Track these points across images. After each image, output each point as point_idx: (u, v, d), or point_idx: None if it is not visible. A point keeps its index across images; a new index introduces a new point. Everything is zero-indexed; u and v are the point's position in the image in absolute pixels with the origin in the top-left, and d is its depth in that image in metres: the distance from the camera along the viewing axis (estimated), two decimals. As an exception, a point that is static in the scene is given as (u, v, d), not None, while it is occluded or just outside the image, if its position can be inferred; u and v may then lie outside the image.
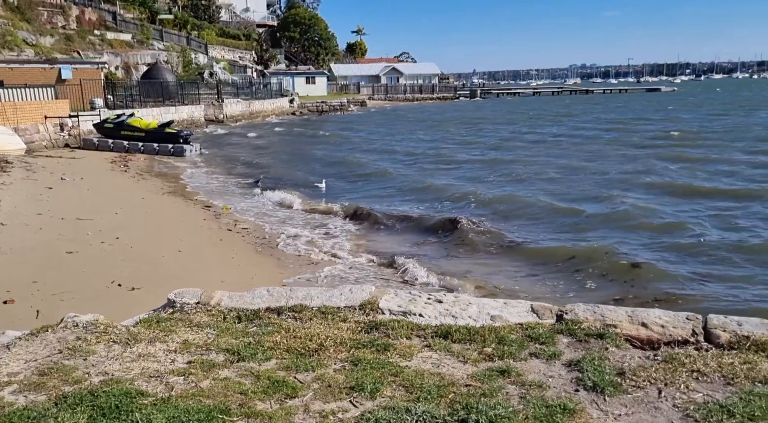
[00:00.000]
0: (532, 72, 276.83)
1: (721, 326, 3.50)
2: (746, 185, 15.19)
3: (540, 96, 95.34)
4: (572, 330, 3.68)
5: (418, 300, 4.36)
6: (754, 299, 7.46)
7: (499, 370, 3.19)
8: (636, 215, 12.05)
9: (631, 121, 40.32)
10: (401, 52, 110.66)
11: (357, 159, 23.75)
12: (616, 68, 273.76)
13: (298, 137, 35.13)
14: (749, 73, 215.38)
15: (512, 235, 11.12)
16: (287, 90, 60.98)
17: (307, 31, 77.58)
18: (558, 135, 31.67)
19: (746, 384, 2.92)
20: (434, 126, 40.22)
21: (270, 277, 8.65)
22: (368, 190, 16.87)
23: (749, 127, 32.26)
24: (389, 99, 77.23)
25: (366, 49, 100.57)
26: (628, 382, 3.01)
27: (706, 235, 10.40)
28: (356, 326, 3.90)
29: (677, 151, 22.27)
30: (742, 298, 7.53)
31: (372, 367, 3.23)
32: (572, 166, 19.72)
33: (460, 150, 26.22)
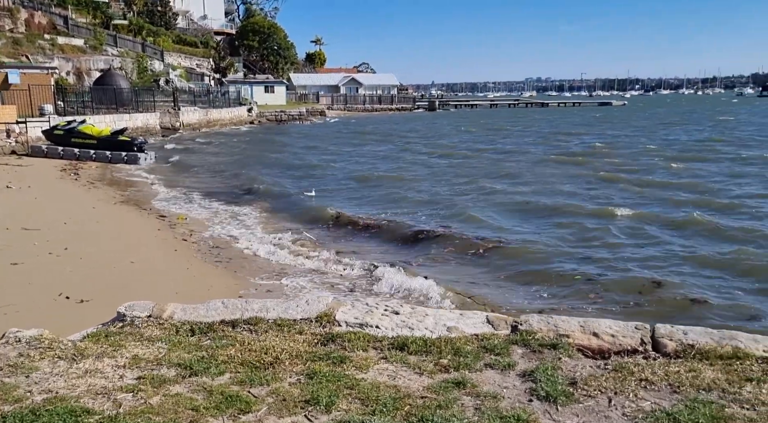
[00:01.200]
0: (490, 84, 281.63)
1: (668, 335, 3.60)
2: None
3: (497, 108, 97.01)
4: (526, 340, 3.72)
5: (374, 311, 4.36)
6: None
7: (455, 382, 3.21)
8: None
9: (554, 135, 40.04)
10: (360, 63, 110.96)
11: (318, 166, 23.68)
12: (570, 82, 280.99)
13: (256, 146, 34.79)
14: (694, 90, 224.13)
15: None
16: (246, 99, 60.38)
17: (266, 39, 77.09)
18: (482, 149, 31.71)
19: (691, 392, 3.01)
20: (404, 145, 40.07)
21: (227, 287, 8.51)
22: (331, 199, 16.80)
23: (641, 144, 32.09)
24: (348, 109, 77.35)
25: (325, 59, 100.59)
26: (579, 392, 3.07)
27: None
28: (312, 338, 3.86)
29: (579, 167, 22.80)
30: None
31: (328, 380, 3.20)
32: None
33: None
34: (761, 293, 8.25)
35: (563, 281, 8.96)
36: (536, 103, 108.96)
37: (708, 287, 8.51)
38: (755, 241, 10.85)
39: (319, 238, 12.06)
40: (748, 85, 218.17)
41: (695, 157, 24.90)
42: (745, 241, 10.86)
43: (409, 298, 8.18)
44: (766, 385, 3.02)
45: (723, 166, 22.14)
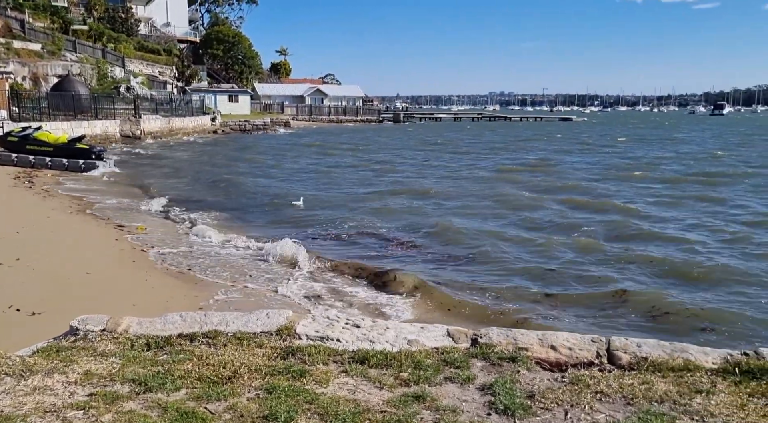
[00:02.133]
0: (454, 97, 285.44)
1: (623, 348, 3.68)
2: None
3: (461, 121, 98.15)
4: (486, 354, 3.76)
5: (336, 325, 4.34)
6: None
7: (415, 396, 3.21)
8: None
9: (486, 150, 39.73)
10: (326, 74, 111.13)
11: (281, 180, 23.53)
12: (532, 97, 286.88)
13: (219, 156, 34.36)
14: (650, 107, 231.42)
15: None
16: (209, 108, 59.70)
17: (231, 48, 76.53)
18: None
19: (644, 403, 3.08)
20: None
21: (186, 300, 8.35)
22: (290, 212, 16.68)
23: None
24: (313, 120, 77.23)
25: (290, 69, 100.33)
26: (537, 405, 3.11)
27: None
28: (272, 352, 3.82)
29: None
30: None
31: (287, 395, 3.17)
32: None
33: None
34: (712, 301, 8.50)
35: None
36: (499, 116, 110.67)
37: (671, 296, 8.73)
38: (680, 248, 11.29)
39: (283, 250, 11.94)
40: (701, 103, 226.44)
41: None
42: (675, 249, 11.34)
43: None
44: (715, 397, 3.11)
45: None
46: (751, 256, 11.03)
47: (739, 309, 8.17)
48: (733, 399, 3.10)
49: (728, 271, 9.95)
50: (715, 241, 12.43)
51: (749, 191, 19.73)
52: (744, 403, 3.06)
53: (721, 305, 8.38)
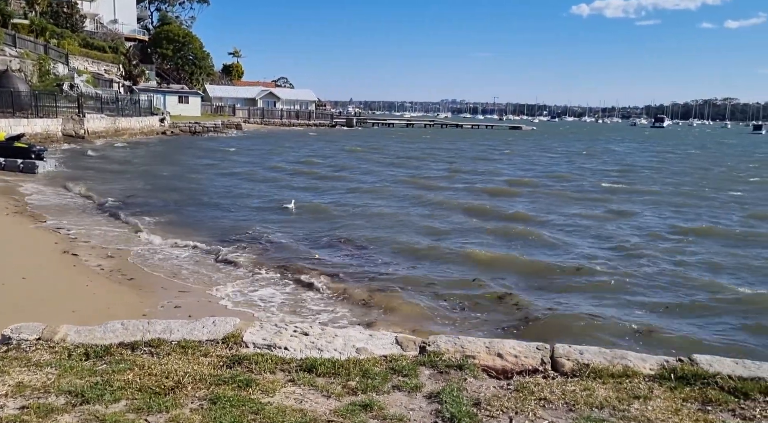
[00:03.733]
0: (407, 104, 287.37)
1: (566, 355, 3.77)
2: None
3: (413, 127, 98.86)
4: (434, 362, 3.78)
5: (284, 332, 4.28)
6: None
7: (362, 405, 3.20)
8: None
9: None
10: (279, 77, 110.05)
11: (232, 184, 23.16)
12: (483, 105, 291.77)
13: (166, 158, 33.57)
14: (595, 118, 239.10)
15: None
16: (158, 108, 58.26)
17: (181, 48, 75.01)
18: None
19: (585, 410, 3.15)
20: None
21: (130, 306, 8.11)
22: (239, 216, 16.43)
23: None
24: (265, 123, 76.37)
25: (243, 72, 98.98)
26: (483, 412, 3.14)
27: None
28: (218, 361, 3.74)
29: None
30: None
31: (232, 405, 3.10)
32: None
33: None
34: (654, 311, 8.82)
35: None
36: (451, 124, 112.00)
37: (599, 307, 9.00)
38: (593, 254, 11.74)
39: (231, 255, 11.74)
40: (642, 115, 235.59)
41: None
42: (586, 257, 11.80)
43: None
44: (652, 403, 3.22)
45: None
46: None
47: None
48: (668, 404, 3.21)
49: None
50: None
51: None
52: (678, 408, 3.18)
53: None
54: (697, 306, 9.07)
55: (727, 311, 8.87)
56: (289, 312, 8.48)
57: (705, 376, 3.46)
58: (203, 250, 11.85)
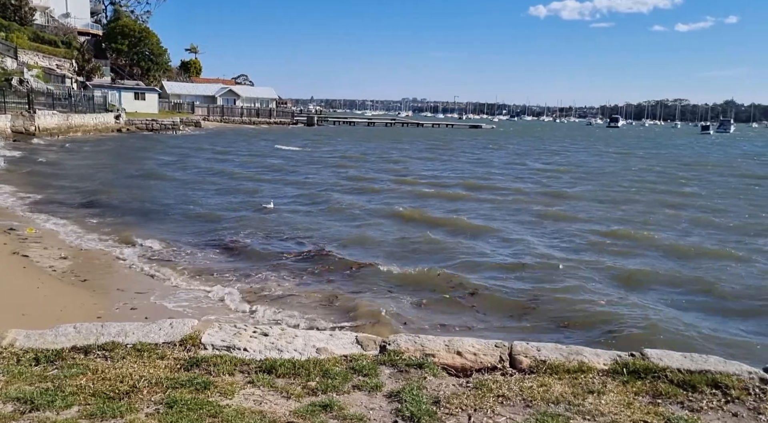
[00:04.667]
0: (368, 102, 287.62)
1: (524, 352, 3.84)
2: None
3: (374, 126, 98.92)
4: (394, 361, 3.79)
5: (243, 333, 4.24)
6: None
7: (322, 405, 3.19)
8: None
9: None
10: (239, 74, 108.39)
11: (183, 182, 22.76)
12: (444, 104, 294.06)
13: (119, 156, 32.74)
14: (553, 117, 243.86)
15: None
16: (113, 105, 56.78)
17: (137, 44, 73.26)
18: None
19: (542, 405, 3.22)
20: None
21: (84, 308, 7.91)
22: (189, 215, 16.16)
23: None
24: (225, 121, 75.25)
25: (201, 68, 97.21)
26: (442, 411, 3.17)
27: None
28: (175, 364, 3.68)
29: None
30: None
31: (189, 409, 3.05)
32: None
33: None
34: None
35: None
36: (412, 122, 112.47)
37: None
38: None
39: (187, 255, 11.55)
40: (598, 115, 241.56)
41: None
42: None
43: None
44: (605, 397, 3.30)
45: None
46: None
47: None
48: (621, 398, 3.31)
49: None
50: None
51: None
52: (630, 401, 3.27)
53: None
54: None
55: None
56: (249, 313, 8.38)
57: (655, 370, 3.58)
58: (161, 250, 11.62)
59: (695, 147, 65.55)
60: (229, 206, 17.37)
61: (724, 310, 9.06)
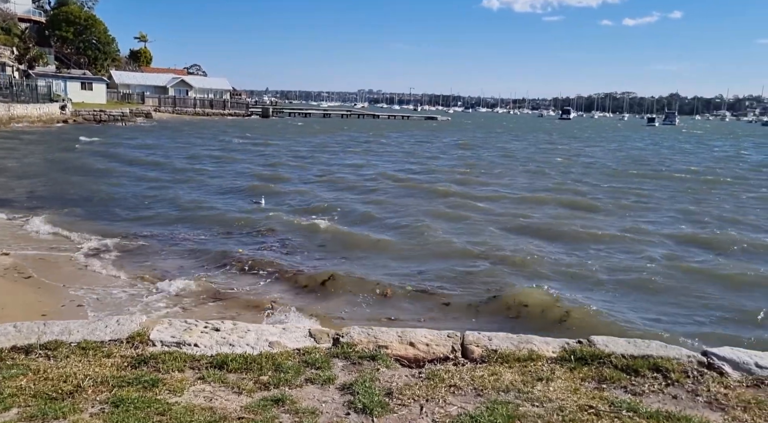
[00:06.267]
0: (324, 94, 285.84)
1: (475, 342, 3.89)
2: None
3: (330, 117, 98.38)
4: (347, 353, 3.80)
5: (194, 329, 4.17)
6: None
7: (274, 399, 3.17)
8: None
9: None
10: (191, 64, 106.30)
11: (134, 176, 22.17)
12: (400, 96, 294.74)
13: (65, 150, 31.61)
14: (507, 109, 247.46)
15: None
16: (58, 94, 54.75)
17: (83, 32, 70.76)
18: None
19: (492, 394, 3.27)
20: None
21: (28, 307, 7.64)
22: (139, 212, 15.76)
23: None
24: (177, 112, 73.49)
25: (151, 58, 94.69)
26: (394, 402, 3.19)
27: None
28: (122, 362, 3.59)
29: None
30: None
31: (136, 407, 2.99)
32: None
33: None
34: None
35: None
36: (368, 114, 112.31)
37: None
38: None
39: (134, 252, 11.27)
40: (550, 107, 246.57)
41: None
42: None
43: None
44: (553, 384, 3.39)
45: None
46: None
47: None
48: (568, 384, 3.39)
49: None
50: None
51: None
52: (577, 387, 3.36)
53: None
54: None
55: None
56: (199, 304, 8.24)
57: (601, 356, 3.68)
58: (110, 246, 11.29)
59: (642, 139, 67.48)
60: (185, 204, 16.97)
61: (663, 296, 9.36)
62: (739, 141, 66.12)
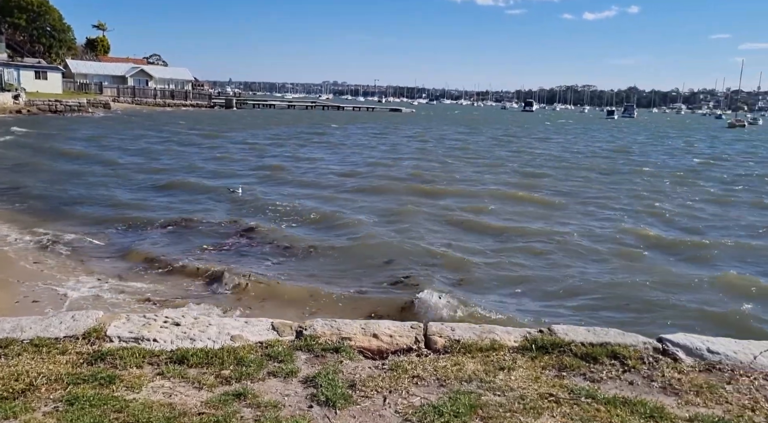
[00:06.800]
0: (288, 85, 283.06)
1: (438, 332, 3.91)
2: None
3: (295, 109, 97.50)
4: (310, 345, 3.77)
5: (153, 323, 4.09)
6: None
7: (236, 394, 3.13)
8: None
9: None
10: (151, 54, 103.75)
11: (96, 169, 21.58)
12: (364, 87, 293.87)
13: (17, 142, 30.55)
14: (471, 102, 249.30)
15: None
16: (10, 84, 52.88)
17: (36, 19, 68.41)
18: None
19: (455, 384, 3.30)
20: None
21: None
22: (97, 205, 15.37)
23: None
24: (137, 102, 71.76)
25: (109, 47, 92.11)
26: (358, 393, 3.18)
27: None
28: (78, 358, 3.49)
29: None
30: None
31: (92, 405, 2.91)
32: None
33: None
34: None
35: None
36: (333, 106, 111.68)
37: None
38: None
39: (99, 248, 10.99)
40: (513, 99, 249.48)
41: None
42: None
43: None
44: (515, 373, 3.43)
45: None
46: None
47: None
48: (529, 373, 3.44)
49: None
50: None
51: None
52: (538, 375, 3.41)
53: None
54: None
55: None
56: (159, 301, 8.09)
57: (561, 345, 3.74)
58: (67, 241, 10.98)
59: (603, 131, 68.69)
60: (139, 198, 16.58)
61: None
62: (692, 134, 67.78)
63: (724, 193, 19.67)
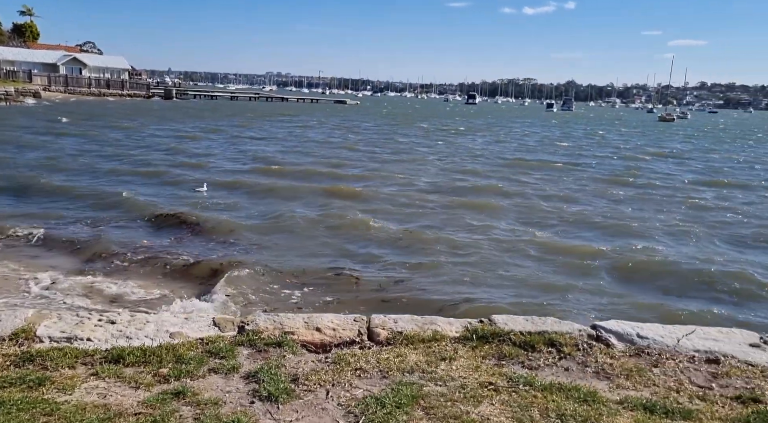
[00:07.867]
0: (231, 76, 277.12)
1: (381, 325, 3.93)
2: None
3: (238, 100, 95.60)
4: (253, 341, 3.73)
5: (86, 322, 3.95)
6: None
7: (174, 392, 3.06)
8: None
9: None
10: (85, 41, 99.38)
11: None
12: (308, 79, 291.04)
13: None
14: (415, 94, 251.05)
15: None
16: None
17: (-42, 1, 64.44)
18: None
19: (398, 375, 3.33)
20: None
21: None
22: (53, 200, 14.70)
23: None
24: (70, 92, 68.72)
25: (39, 33, 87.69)
26: (300, 387, 3.17)
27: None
28: (4, 361, 3.34)
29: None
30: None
31: (19, 409, 2.79)
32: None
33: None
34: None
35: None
36: (276, 97, 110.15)
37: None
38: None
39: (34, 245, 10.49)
40: (456, 92, 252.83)
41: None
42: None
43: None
44: (456, 363, 3.49)
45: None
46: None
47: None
48: (470, 362, 3.51)
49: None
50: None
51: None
52: (478, 365, 3.49)
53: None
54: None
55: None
56: (107, 298, 7.81)
57: (501, 334, 3.83)
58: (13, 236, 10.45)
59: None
60: (76, 189, 15.93)
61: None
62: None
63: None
